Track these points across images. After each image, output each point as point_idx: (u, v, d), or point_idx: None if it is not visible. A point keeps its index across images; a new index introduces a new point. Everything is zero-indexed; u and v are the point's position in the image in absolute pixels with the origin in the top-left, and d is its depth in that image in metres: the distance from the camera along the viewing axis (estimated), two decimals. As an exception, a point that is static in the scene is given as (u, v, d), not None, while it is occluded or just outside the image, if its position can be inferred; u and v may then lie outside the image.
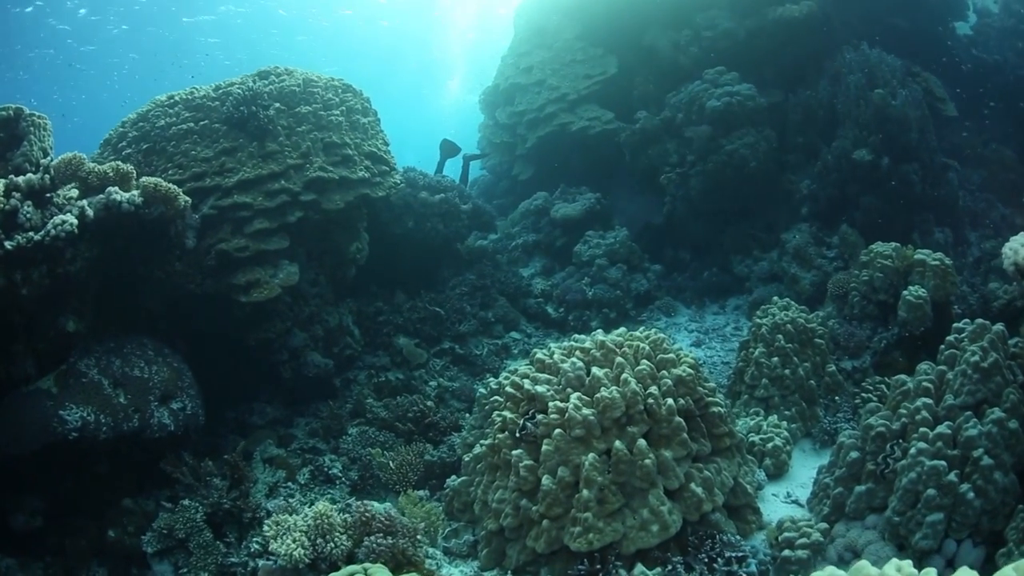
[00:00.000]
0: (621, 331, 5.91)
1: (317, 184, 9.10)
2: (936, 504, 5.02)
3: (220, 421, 8.98)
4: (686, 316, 12.61)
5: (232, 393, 9.26)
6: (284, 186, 8.84)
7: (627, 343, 5.57)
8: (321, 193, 9.09)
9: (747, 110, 12.55)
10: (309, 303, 9.94)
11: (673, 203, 13.48)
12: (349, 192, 9.27)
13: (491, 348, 11.09)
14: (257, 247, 8.77)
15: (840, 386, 8.65)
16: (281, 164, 8.92)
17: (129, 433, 7.20)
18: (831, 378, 8.58)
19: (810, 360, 8.44)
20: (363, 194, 9.48)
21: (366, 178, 9.51)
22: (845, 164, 12.22)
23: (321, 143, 9.30)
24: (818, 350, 8.56)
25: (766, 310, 8.76)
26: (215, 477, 7.44)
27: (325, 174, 9.07)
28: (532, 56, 16.47)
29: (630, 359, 5.41)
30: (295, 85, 9.80)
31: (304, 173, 9.00)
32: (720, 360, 10.55)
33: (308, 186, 8.96)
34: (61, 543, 6.94)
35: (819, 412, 8.28)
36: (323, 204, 9.06)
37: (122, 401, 7.30)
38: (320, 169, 9.05)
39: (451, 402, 9.99)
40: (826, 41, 13.69)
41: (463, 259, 12.97)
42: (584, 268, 12.85)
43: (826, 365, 8.60)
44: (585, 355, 5.49)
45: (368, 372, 10.57)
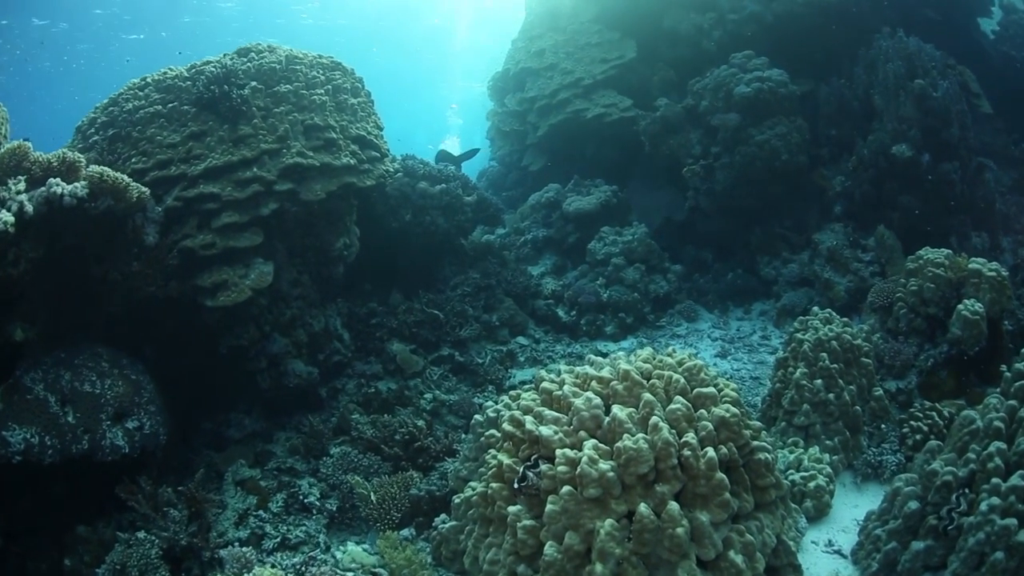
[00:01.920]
0: (647, 353, 4.76)
1: (295, 172, 8.00)
2: (1002, 569, 4.36)
3: (196, 432, 8.26)
4: (709, 322, 11.50)
5: (209, 402, 8.50)
6: (257, 174, 7.78)
7: (656, 371, 4.43)
8: (300, 182, 7.99)
9: (779, 97, 11.43)
10: (290, 305, 8.92)
11: (696, 198, 12.39)
12: (332, 181, 8.16)
13: (495, 355, 9.99)
14: (225, 244, 7.75)
15: (887, 412, 7.59)
16: (254, 149, 7.85)
17: (78, 456, 6.48)
18: (878, 403, 7.51)
19: (855, 382, 7.37)
20: (348, 183, 8.38)
21: (352, 165, 8.39)
22: (882, 160, 11.25)
23: (301, 126, 8.21)
24: (865, 371, 7.47)
25: (806, 323, 7.64)
26: (174, 508, 6.62)
27: (304, 160, 7.95)
28: (545, 39, 15.40)
29: (660, 394, 4.27)
30: (275, 62, 8.72)
31: (280, 159, 7.91)
32: (749, 374, 9.42)
33: (284, 174, 7.86)
34: (23, 566, 6.41)
35: (863, 442, 7.24)
36: (302, 194, 7.96)
37: (70, 420, 6.53)
38: (299, 155, 7.95)
39: (447, 417, 8.91)
40: (857, 29, 12.75)
41: (467, 255, 11.89)
42: (598, 267, 11.77)
43: (872, 388, 7.53)
44: (603, 387, 4.35)
45: (358, 381, 9.59)
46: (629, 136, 13.50)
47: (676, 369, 4.49)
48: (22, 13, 30.16)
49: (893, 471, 6.77)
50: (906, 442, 7.15)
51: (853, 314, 10.48)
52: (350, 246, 9.13)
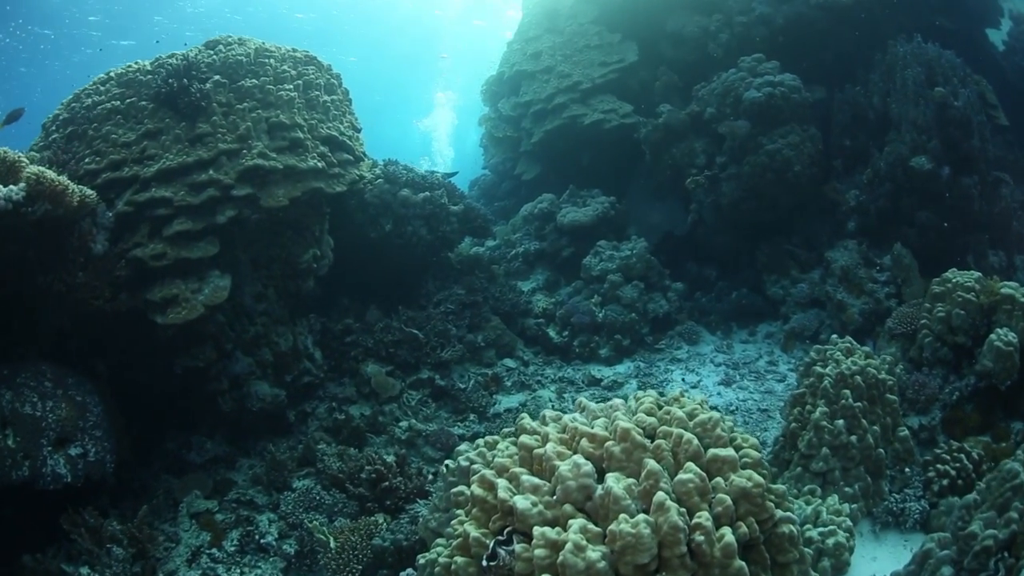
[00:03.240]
0: (650, 402, 3.92)
1: (255, 175, 7.26)
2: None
3: (158, 452, 7.76)
4: (711, 345, 10.73)
5: (171, 420, 8.00)
6: (213, 177, 7.05)
7: (662, 428, 3.59)
8: (261, 186, 7.24)
9: (792, 104, 10.70)
10: (254, 322, 8.23)
11: (699, 211, 11.65)
12: (297, 186, 7.40)
13: (479, 379, 9.21)
14: (177, 254, 7.02)
15: (911, 454, 6.82)
16: (211, 150, 7.13)
17: (19, 483, 6.00)
18: (902, 444, 6.74)
19: (879, 422, 6.62)
20: (315, 188, 7.61)
21: (319, 168, 7.63)
22: (900, 173, 10.50)
23: (266, 124, 7.46)
24: (890, 409, 6.72)
25: (824, 354, 6.87)
26: (118, 544, 6.18)
27: (266, 162, 7.19)
28: (541, 41, 14.69)
29: (667, 458, 3.44)
30: (242, 55, 7.99)
31: (239, 161, 7.18)
32: (756, 405, 8.63)
33: (244, 177, 7.12)
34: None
35: (884, 487, 6.45)
36: (262, 200, 7.18)
37: (10, 444, 6.01)
38: (260, 156, 7.19)
39: (424, 449, 8.16)
40: (870, 35, 12.10)
41: (453, 269, 11.13)
42: (594, 284, 11.01)
43: (898, 428, 6.76)
44: (596, 446, 3.51)
45: (329, 404, 8.90)
46: (629, 144, 12.79)
47: (687, 424, 3.67)
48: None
49: (916, 519, 6.15)
50: (931, 487, 6.41)
51: (867, 339, 9.75)
52: (321, 258, 8.36)
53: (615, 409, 3.87)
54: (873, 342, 9.53)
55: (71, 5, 29.81)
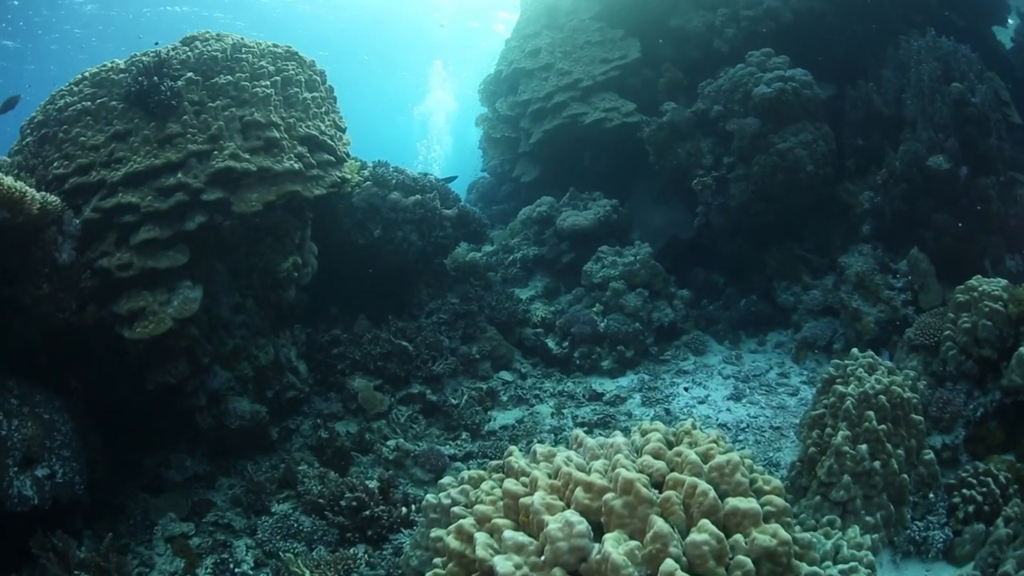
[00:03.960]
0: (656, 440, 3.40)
1: (226, 178, 6.80)
2: None
3: (136, 470, 7.39)
4: (719, 355, 10.23)
5: (150, 437, 7.62)
6: (181, 180, 6.60)
7: (672, 476, 3.07)
8: (233, 190, 6.75)
9: (804, 100, 10.24)
10: (233, 334, 7.79)
11: (706, 214, 11.18)
12: (271, 189, 6.90)
13: (472, 394, 8.72)
14: (144, 264, 6.51)
15: (936, 478, 6.38)
16: (181, 151, 6.65)
17: None
18: (927, 468, 6.28)
19: (904, 444, 6.15)
20: (291, 192, 7.10)
21: (296, 170, 7.14)
22: (916, 173, 10.04)
23: (239, 123, 6.98)
24: (915, 430, 6.26)
25: (845, 370, 6.39)
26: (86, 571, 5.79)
27: (238, 164, 6.71)
28: (540, 38, 14.23)
29: (677, 513, 2.92)
30: (218, 51, 7.53)
31: (210, 163, 6.65)
32: (768, 422, 8.13)
33: (214, 180, 6.65)
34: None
35: (907, 514, 5.98)
36: (235, 205, 6.68)
37: None
38: (232, 157, 6.70)
39: (413, 470, 7.67)
40: (880, 30, 11.75)
41: (447, 276, 10.66)
42: (595, 292, 10.53)
43: (922, 451, 6.29)
44: (593, 497, 3.00)
45: (315, 420, 8.44)
46: (632, 144, 12.32)
47: (700, 470, 3.17)
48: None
49: (939, 548, 5.78)
50: (956, 514, 6.01)
51: (882, 348, 9.24)
52: (303, 266, 7.88)
53: (616, 450, 3.36)
54: (889, 352, 9.10)
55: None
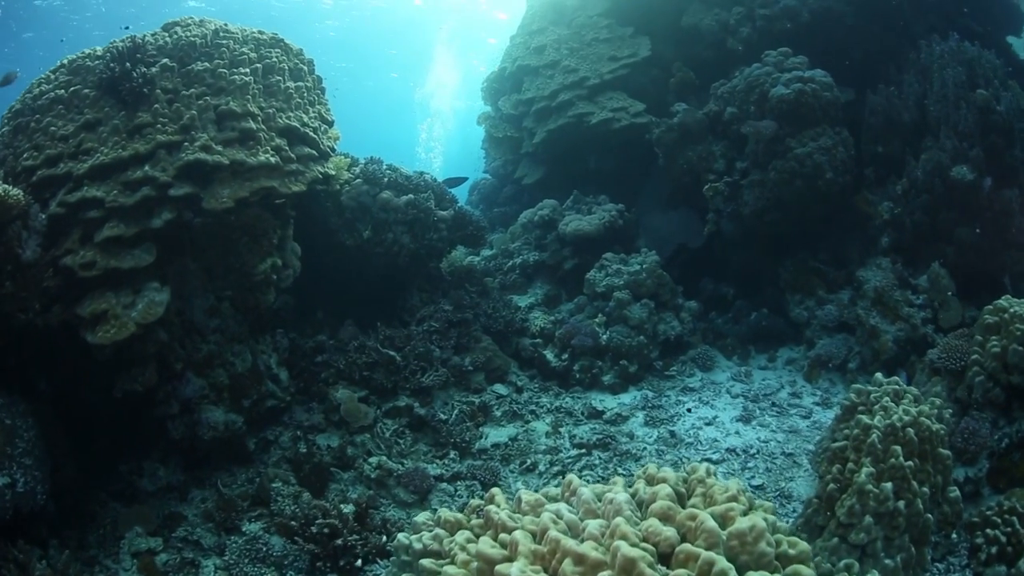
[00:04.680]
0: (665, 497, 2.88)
1: (197, 171, 6.34)
2: None
3: (109, 476, 7.15)
4: (727, 372, 9.75)
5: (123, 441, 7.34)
6: (148, 174, 6.14)
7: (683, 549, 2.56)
8: (204, 185, 6.28)
9: (824, 103, 9.77)
10: (207, 339, 7.41)
11: (717, 221, 10.70)
12: (244, 185, 6.41)
13: (464, 408, 8.22)
14: (107, 263, 6.02)
15: (959, 517, 5.97)
16: (150, 142, 6.15)
17: None
18: (951, 506, 5.85)
19: (929, 481, 5.66)
20: (266, 188, 6.62)
21: (272, 164, 6.67)
22: (939, 183, 9.58)
23: (213, 112, 6.54)
24: (942, 465, 5.80)
25: (869, 397, 5.91)
26: None
27: (209, 157, 6.25)
28: (546, 34, 13.77)
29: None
30: (197, 36, 7.08)
31: (179, 155, 6.15)
32: (780, 448, 7.65)
33: (183, 174, 6.18)
34: None
35: (927, 555, 5.52)
36: (205, 201, 6.20)
37: None
38: (203, 149, 6.25)
39: (395, 490, 7.24)
40: (899, 34, 11.38)
41: (442, 281, 10.19)
42: (598, 301, 10.06)
43: (948, 488, 5.85)
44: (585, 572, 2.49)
45: (294, 432, 8.01)
46: (640, 146, 11.88)
47: (718, 538, 2.65)
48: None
49: None
50: (978, 555, 5.71)
51: (899, 369, 8.84)
52: (283, 268, 7.44)
53: (616, 510, 2.87)
54: (906, 373, 8.68)
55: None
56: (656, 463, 3.24)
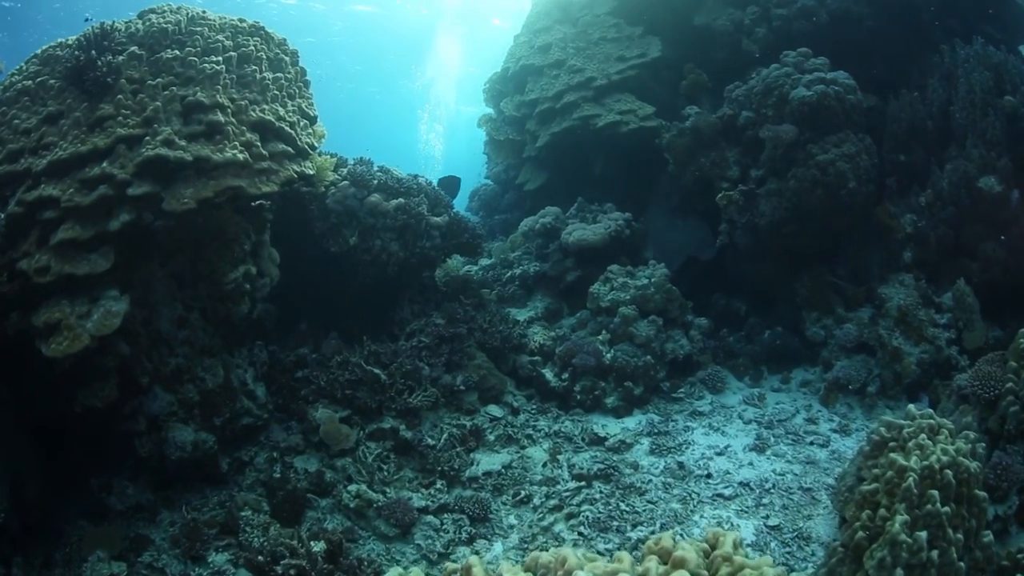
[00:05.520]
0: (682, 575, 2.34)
1: (158, 168, 5.80)
2: None
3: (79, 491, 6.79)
4: (739, 395, 9.23)
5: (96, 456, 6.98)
6: (106, 171, 5.61)
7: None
8: (165, 184, 5.73)
9: (847, 107, 9.30)
10: (176, 352, 6.93)
11: (731, 233, 10.18)
12: (208, 184, 5.86)
13: (454, 432, 7.69)
14: (61, 269, 5.50)
15: (990, 562, 5.47)
16: (109, 136, 5.63)
17: None
18: (983, 552, 5.34)
19: (964, 526, 5.17)
20: (233, 187, 6.07)
21: (240, 162, 6.11)
22: (964, 195, 9.14)
23: (179, 103, 5.99)
24: (977, 508, 5.31)
25: (902, 432, 5.37)
26: None
27: (171, 152, 5.72)
28: (552, 32, 13.28)
29: None
30: (170, 23, 6.59)
31: (139, 150, 5.63)
32: (796, 482, 7.11)
33: (143, 171, 5.64)
34: None
35: None
36: (166, 202, 5.67)
37: None
38: (165, 144, 5.73)
39: (376, 522, 6.76)
40: (919, 39, 10.97)
41: (438, 291, 9.67)
42: (602, 317, 9.54)
43: (981, 532, 5.35)
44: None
45: (270, 454, 7.51)
46: (649, 151, 11.38)
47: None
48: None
49: None
50: None
51: (921, 392, 8.47)
52: (258, 276, 6.96)
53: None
54: (929, 398, 8.26)
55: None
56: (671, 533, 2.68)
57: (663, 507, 6.70)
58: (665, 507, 6.69)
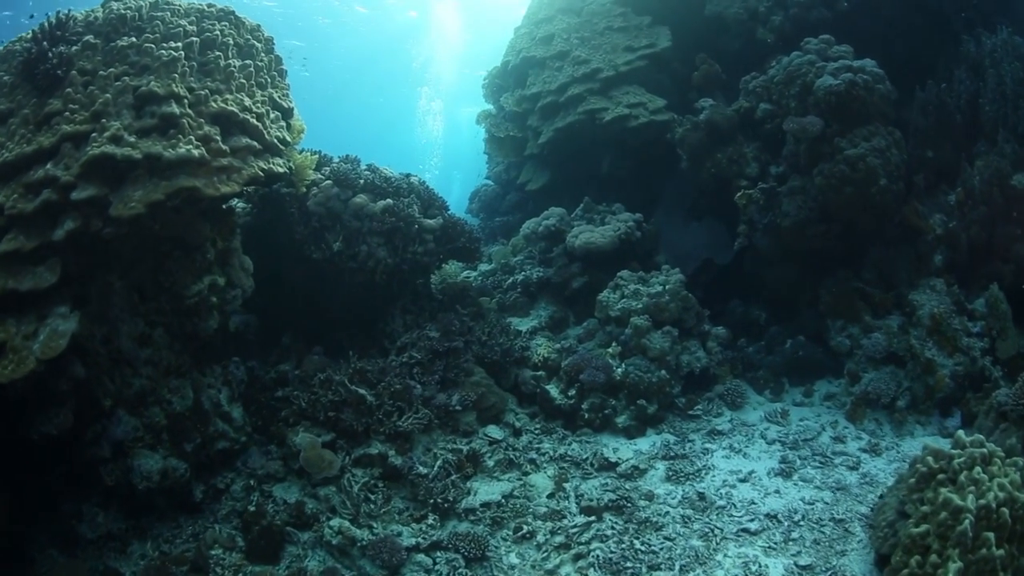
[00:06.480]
0: None
1: (106, 169, 5.16)
2: None
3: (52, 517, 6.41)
4: (760, 410, 8.61)
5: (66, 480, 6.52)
6: (50, 173, 4.96)
7: None
8: (115, 186, 5.07)
9: (877, 97, 8.70)
10: (139, 372, 6.32)
11: (750, 235, 9.57)
12: (159, 185, 5.19)
13: (449, 458, 7.05)
14: (5, 284, 4.92)
15: None
16: (55, 135, 5.00)
17: None
18: None
19: (1013, 565, 4.70)
20: (187, 188, 5.40)
21: (196, 159, 5.43)
22: (997, 193, 8.63)
23: (131, 95, 5.34)
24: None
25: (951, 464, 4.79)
26: None
27: (117, 150, 5.09)
28: (555, 22, 12.71)
29: None
30: (130, 9, 6.00)
31: (86, 149, 5.00)
32: (827, 512, 6.48)
33: (88, 172, 4.99)
34: None
35: None
36: (112, 207, 5.04)
37: None
38: (111, 141, 5.10)
39: (360, 562, 6.15)
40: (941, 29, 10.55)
41: (434, 300, 9.06)
42: (611, 327, 8.93)
43: None
44: None
45: (247, 481, 6.98)
46: (660, 147, 10.85)
47: None
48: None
49: None
50: None
51: (954, 408, 7.93)
52: (228, 288, 6.38)
53: None
54: (962, 413, 7.86)
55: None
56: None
57: (683, 544, 6.03)
58: (685, 544, 6.02)
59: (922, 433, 7.88)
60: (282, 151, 6.24)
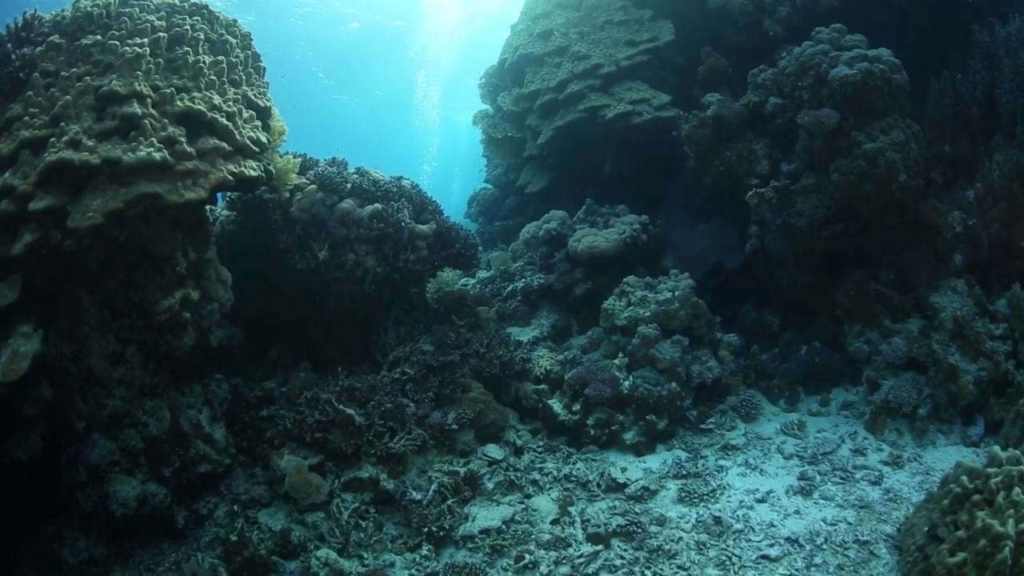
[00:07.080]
0: None
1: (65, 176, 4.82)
2: None
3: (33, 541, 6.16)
4: (775, 422, 8.26)
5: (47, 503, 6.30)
6: (7, 182, 4.62)
7: None
8: (74, 195, 4.72)
9: (894, 88, 8.36)
10: (112, 393, 6.03)
11: (762, 236, 9.25)
12: (119, 192, 4.82)
13: (445, 482, 6.67)
14: (-36, 301, 4.61)
15: None
16: (14, 141, 4.68)
17: None
18: None
19: None
20: (148, 195, 5.01)
21: (157, 163, 5.03)
22: (1017, 188, 8.44)
23: (94, 95, 4.97)
24: None
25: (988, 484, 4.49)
26: None
27: (75, 155, 4.72)
28: (553, 17, 12.42)
29: None
30: (97, 6, 5.64)
31: (44, 155, 4.66)
32: (852, 534, 6.11)
33: (46, 180, 4.64)
34: None
35: None
36: (70, 218, 4.68)
37: None
38: (69, 145, 4.74)
39: None
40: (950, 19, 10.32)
41: (429, 310, 8.71)
42: (617, 336, 8.59)
43: None
44: None
45: (231, 507, 6.64)
46: (666, 145, 10.59)
47: None
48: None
49: None
50: None
51: (977, 415, 7.64)
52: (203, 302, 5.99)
53: None
54: (985, 420, 7.59)
55: None
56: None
57: (698, 575, 5.65)
58: (701, 575, 5.65)
59: (944, 442, 7.58)
60: (256, 153, 5.85)
